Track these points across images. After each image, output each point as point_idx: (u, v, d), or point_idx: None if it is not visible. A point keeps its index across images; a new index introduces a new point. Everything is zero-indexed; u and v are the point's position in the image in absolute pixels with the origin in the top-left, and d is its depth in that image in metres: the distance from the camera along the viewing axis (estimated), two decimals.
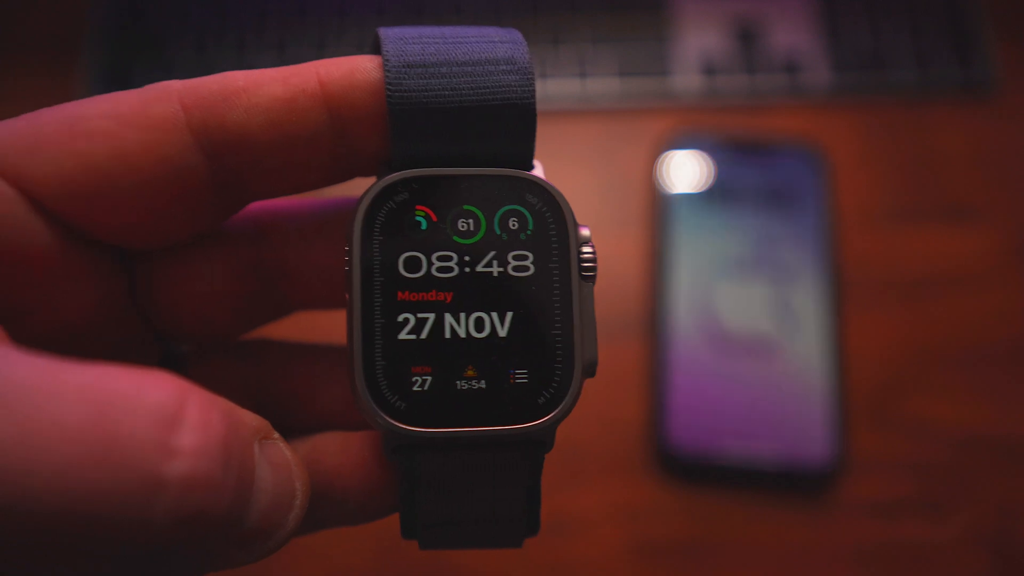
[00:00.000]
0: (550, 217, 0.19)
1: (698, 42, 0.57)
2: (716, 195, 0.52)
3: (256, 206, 0.21)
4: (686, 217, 0.52)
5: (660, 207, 0.52)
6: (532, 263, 0.19)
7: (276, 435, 0.17)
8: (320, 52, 0.56)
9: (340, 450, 0.20)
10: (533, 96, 0.19)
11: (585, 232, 0.19)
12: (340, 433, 0.20)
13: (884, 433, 0.48)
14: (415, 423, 0.18)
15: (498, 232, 0.19)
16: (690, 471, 0.47)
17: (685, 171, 0.53)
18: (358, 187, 0.19)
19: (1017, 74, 0.56)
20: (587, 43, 0.57)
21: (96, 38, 0.58)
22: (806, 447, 0.47)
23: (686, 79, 0.56)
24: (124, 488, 0.13)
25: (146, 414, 0.13)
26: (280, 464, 0.17)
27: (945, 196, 0.53)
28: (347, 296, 0.19)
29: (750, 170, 0.52)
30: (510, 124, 0.19)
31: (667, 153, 0.53)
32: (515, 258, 0.19)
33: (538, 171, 0.20)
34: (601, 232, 0.53)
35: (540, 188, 0.19)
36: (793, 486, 0.47)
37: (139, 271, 0.20)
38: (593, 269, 0.19)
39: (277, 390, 0.22)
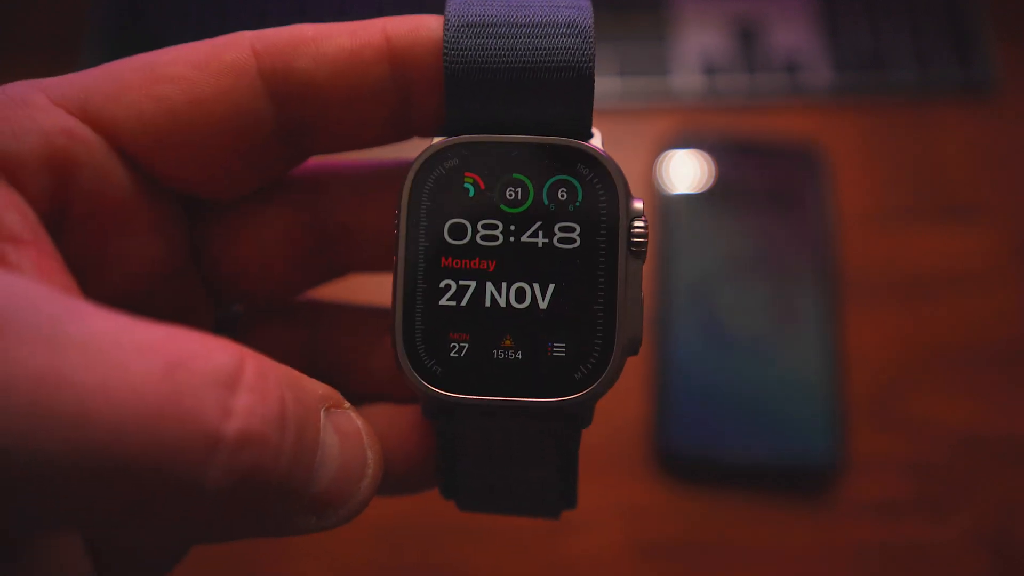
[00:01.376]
0: (600, 188, 0.19)
1: (698, 42, 0.57)
2: (716, 195, 0.52)
3: (314, 162, 0.21)
4: (686, 217, 0.52)
5: (660, 207, 0.52)
6: (578, 235, 0.19)
7: (347, 404, 0.17)
8: None
9: (388, 423, 0.20)
10: (591, 61, 0.18)
11: (638, 205, 0.19)
12: (390, 405, 0.21)
13: (884, 433, 0.48)
14: (450, 388, 0.18)
15: (546, 202, 0.19)
16: (690, 471, 0.47)
17: (685, 171, 0.53)
18: (417, 149, 0.19)
19: (1017, 74, 0.56)
20: None
21: (96, 38, 0.58)
22: (806, 447, 0.47)
23: (686, 79, 0.56)
24: (183, 443, 0.13)
25: (209, 375, 0.14)
26: (350, 432, 0.17)
27: (945, 196, 0.53)
28: (394, 260, 0.19)
29: (750, 170, 0.52)
30: (566, 89, 0.18)
31: (667, 153, 0.53)
32: (561, 230, 0.19)
33: (596, 140, 0.19)
34: None
35: (592, 158, 0.19)
36: (793, 486, 0.47)
37: (202, 226, 0.20)
38: (643, 245, 0.19)
39: (329, 356, 0.22)
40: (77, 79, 0.17)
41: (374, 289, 0.24)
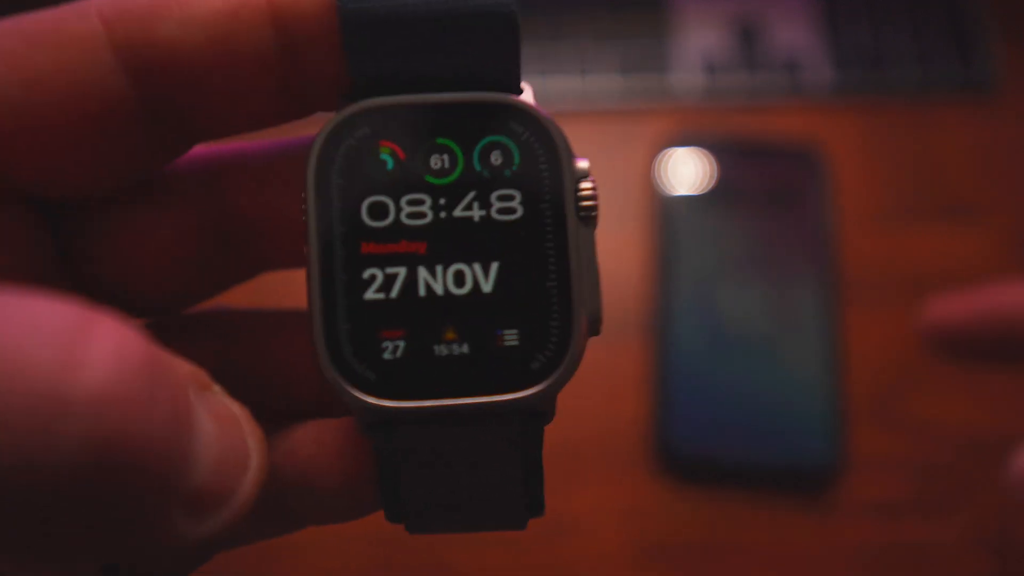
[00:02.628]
0: (540, 149, 0.16)
1: (699, 40, 0.57)
2: (716, 194, 0.52)
3: (204, 149, 0.18)
4: (686, 216, 0.51)
5: (660, 206, 0.52)
6: (520, 204, 0.16)
7: (217, 387, 0.15)
8: None
9: (315, 439, 0.17)
10: (512, 2, 0.16)
11: (583, 165, 0.17)
12: (314, 423, 0.18)
13: (884, 433, 0.48)
14: (387, 396, 0.16)
15: (478, 169, 0.16)
16: (690, 471, 0.47)
17: (685, 170, 0.52)
18: (319, 125, 0.17)
19: (1018, 74, 0.56)
20: (587, 41, 0.57)
21: None
22: (806, 447, 0.47)
23: (686, 77, 0.56)
24: (17, 412, 0.11)
25: (45, 325, 0.11)
26: (225, 417, 0.14)
27: (946, 196, 0.53)
28: (306, 252, 0.16)
29: (750, 169, 0.52)
30: (487, 36, 0.16)
31: (667, 151, 0.53)
32: (499, 199, 0.16)
33: (527, 95, 0.17)
34: (600, 231, 0.52)
35: (526, 114, 0.16)
36: (793, 486, 0.47)
37: (68, 230, 0.17)
38: (593, 209, 0.16)
39: (245, 370, 0.19)
40: None
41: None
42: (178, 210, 0.18)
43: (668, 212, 0.52)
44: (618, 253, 0.52)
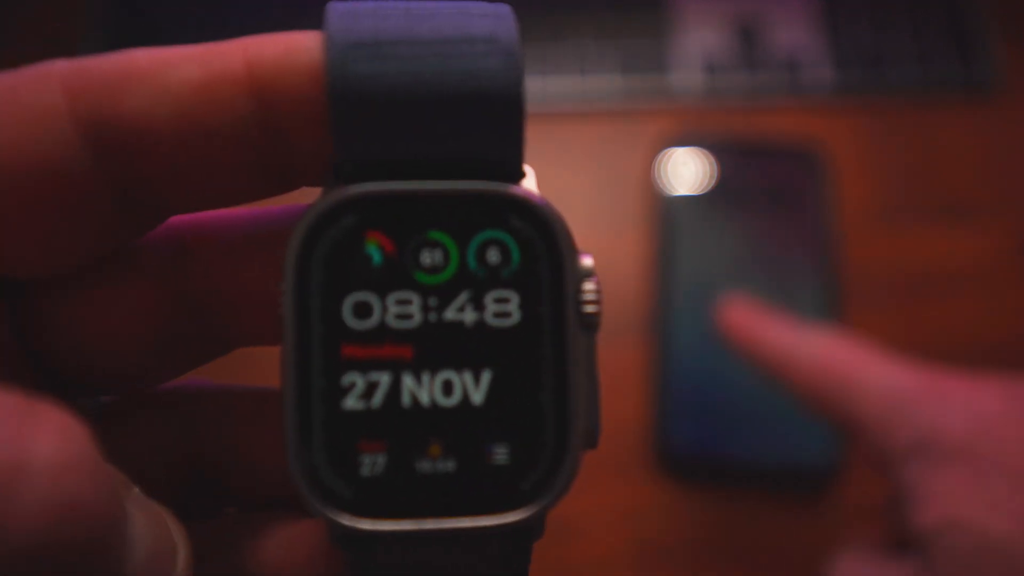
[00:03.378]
0: (541, 246, 0.15)
1: (699, 40, 0.57)
2: (716, 194, 0.52)
3: (179, 220, 0.17)
4: (686, 216, 0.51)
5: (660, 206, 0.52)
6: (517, 307, 0.15)
7: (137, 489, 0.14)
8: None
9: (284, 544, 0.16)
10: (520, 84, 0.14)
11: (587, 263, 0.15)
12: (284, 522, 0.17)
13: None
14: (363, 514, 0.15)
15: (473, 267, 0.15)
16: (691, 471, 0.47)
17: (685, 170, 0.52)
18: (306, 195, 0.16)
19: (1018, 74, 0.56)
20: (587, 40, 0.57)
21: (94, 35, 0.58)
22: (806, 448, 0.47)
23: (687, 77, 0.56)
24: None
25: None
26: (151, 513, 0.14)
27: (946, 196, 0.53)
28: (281, 349, 0.15)
29: (750, 169, 0.52)
30: (489, 120, 0.15)
31: (667, 151, 0.53)
32: (495, 301, 0.15)
33: (529, 182, 0.16)
34: (600, 231, 0.52)
35: (528, 208, 0.15)
36: (794, 487, 0.47)
37: (27, 307, 0.16)
38: (596, 315, 0.15)
39: (213, 452, 0.18)
40: None
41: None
42: (144, 285, 0.16)
43: (668, 212, 0.52)
44: (618, 253, 0.52)
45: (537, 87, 0.55)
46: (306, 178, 0.16)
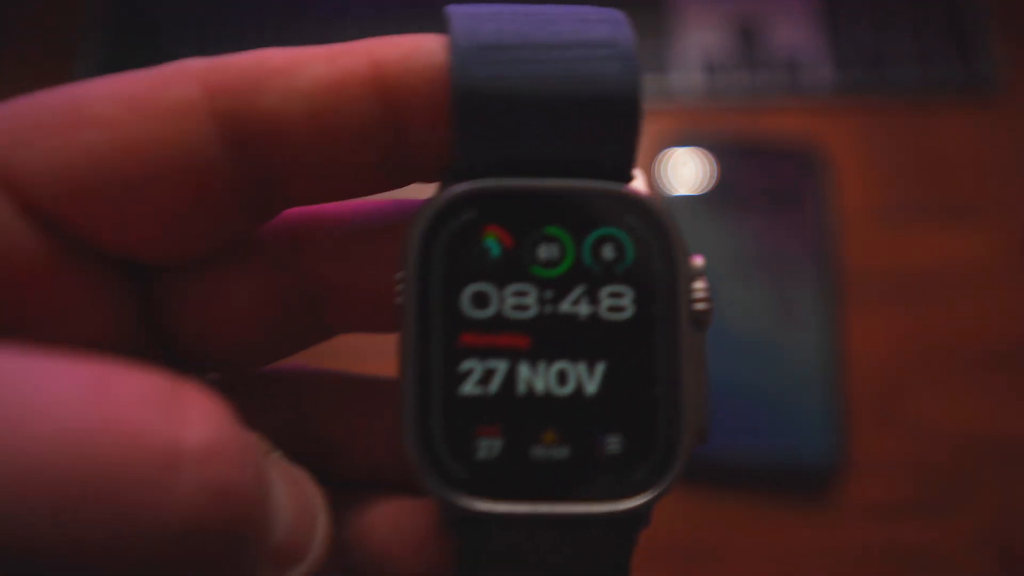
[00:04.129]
0: (655, 245, 0.16)
1: (699, 40, 0.57)
2: (716, 194, 0.52)
3: (293, 213, 0.18)
4: (686, 215, 0.51)
5: None
6: (631, 302, 0.15)
7: (277, 452, 0.15)
8: None
9: (392, 522, 0.17)
10: (638, 88, 0.15)
11: (698, 263, 0.16)
12: (393, 501, 0.17)
13: (884, 433, 0.48)
14: (479, 496, 0.15)
15: (589, 262, 0.15)
16: (690, 471, 0.47)
17: (685, 170, 0.52)
18: (414, 191, 0.16)
19: (1020, 74, 0.56)
20: None
21: (93, 34, 0.58)
22: (806, 447, 0.47)
23: (686, 77, 0.56)
24: (139, 458, 0.11)
25: (146, 391, 0.12)
26: (292, 479, 0.15)
27: (946, 196, 0.53)
28: (400, 336, 0.15)
29: (750, 169, 0.52)
30: (606, 122, 0.15)
31: (667, 151, 0.53)
32: (610, 296, 0.15)
33: (638, 183, 0.16)
34: None
35: (643, 207, 0.16)
36: (793, 486, 0.47)
37: (155, 290, 0.17)
38: (707, 313, 0.16)
39: (316, 431, 0.19)
40: None
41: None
42: (261, 272, 0.17)
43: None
44: None
45: None
46: (422, 175, 0.16)
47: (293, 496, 0.14)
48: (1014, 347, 0.50)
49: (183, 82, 0.14)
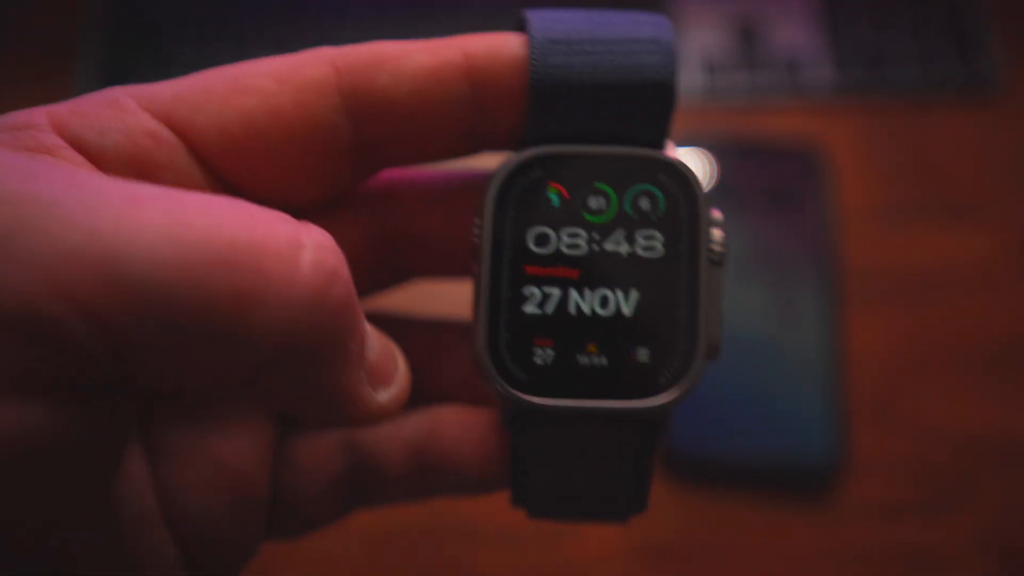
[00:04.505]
0: (682, 198, 0.19)
1: (699, 40, 0.57)
2: (716, 194, 0.52)
3: (387, 173, 0.21)
4: None
5: None
6: (662, 244, 0.19)
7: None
8: None
9: (459, 424, 0.21)
10: (674, 76, 0.19)
11: (717, 216, 0.19)
12: (459, 407, 0.21)
13: (884, 433, 0.48)
14: (535, 393, 0.19)
15: (629, 211, 0.19)
16: (690, 471, 0.47)
17: None
18: (484, 161, 0.20)
19: (1019, 74, 0.56)
20: None
21: (93, 35, 0.58)
22: (806, 447, 0.47)
23: (687, 77, 0.56)
24: (274, 237, 0.15)
25: (272, 212, 0.16)
26: (375, 328, 0.18)
27: (946, 196, 0.53)
28: (475, 267, 0.19)
29: (750, 169, 0.52)
30: (649, 103, 0.19)
31: None
32: (644, 238, 0.19)
33: (671, 150, 0.20)
34: None
35: (674, 168, 0.19)
36: (793, 486, 0.47)
37: None
38: (722, 253, 0.19)
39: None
40: (168, 87, 0.18)
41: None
42: (359, 223, 0.21)
43: None
44: None
45: None
46: (494, 145, 0.20)
47: (377, 337, 0.19)
48: (1014, 347, 0.50)
49: (319, 63, 0.18)
